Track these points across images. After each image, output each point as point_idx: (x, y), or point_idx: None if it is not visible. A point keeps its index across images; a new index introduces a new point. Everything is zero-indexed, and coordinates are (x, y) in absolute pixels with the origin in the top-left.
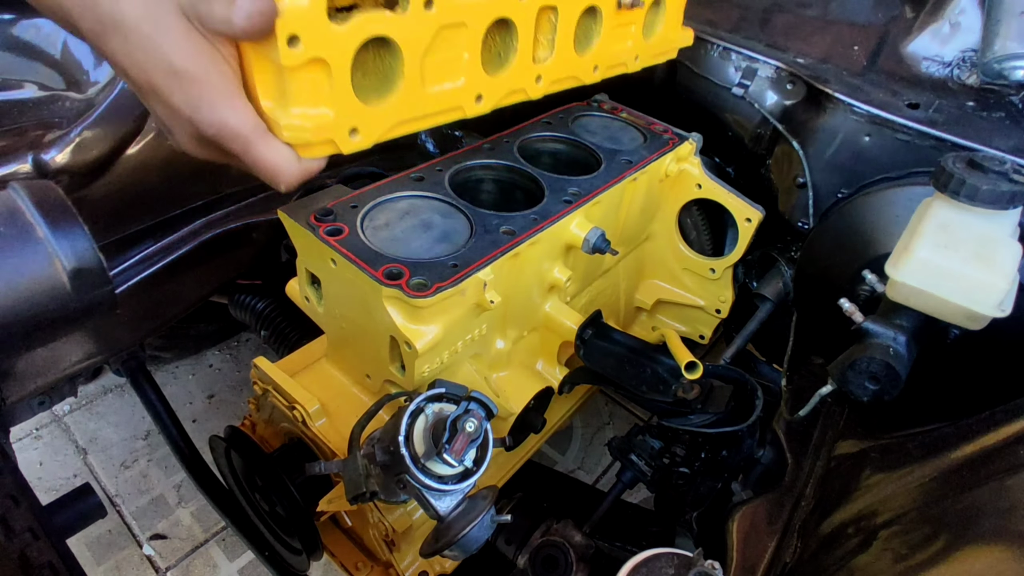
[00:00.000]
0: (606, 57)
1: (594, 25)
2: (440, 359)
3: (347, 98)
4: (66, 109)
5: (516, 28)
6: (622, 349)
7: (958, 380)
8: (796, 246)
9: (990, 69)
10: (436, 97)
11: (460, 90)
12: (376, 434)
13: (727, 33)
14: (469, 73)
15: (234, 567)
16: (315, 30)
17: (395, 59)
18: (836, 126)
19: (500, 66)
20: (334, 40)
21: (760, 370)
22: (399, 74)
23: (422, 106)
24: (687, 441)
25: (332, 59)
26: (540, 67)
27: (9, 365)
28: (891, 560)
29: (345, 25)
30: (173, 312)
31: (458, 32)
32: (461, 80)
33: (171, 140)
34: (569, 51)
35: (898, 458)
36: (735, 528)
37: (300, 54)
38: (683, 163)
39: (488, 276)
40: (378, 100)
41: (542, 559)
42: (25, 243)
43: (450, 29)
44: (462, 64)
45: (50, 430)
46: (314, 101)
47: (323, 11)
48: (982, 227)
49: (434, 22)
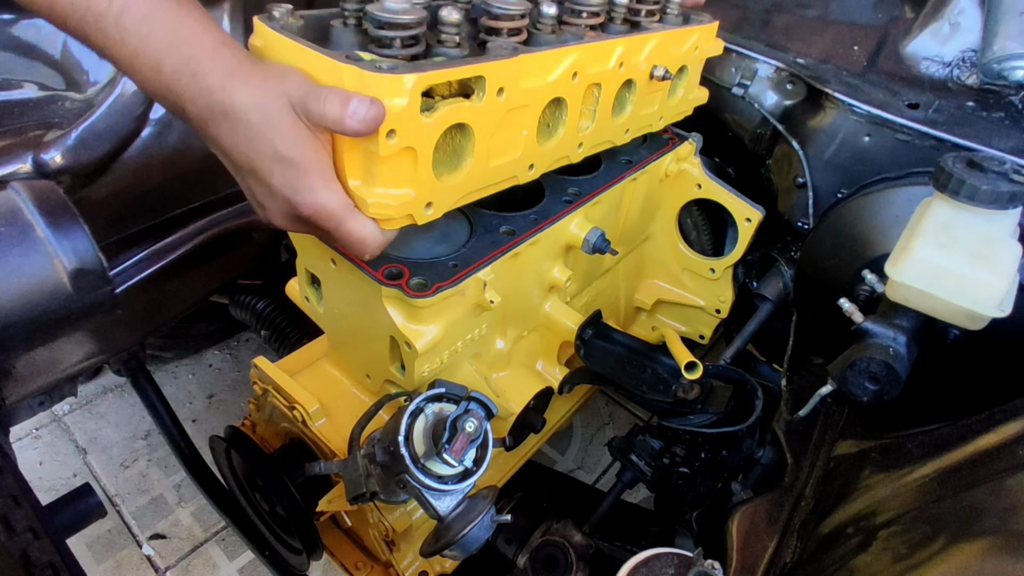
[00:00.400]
0: (636, 120)
1: (628, 95)
2: (440, 359)
3: (427, 178)
4: (66, 109)
5: (567, 104)
6: (622, 349)
7: (958, 380)
8: (796, 246)
9: (990, 69)
10: (497, 169)
11: (517, 161)
12: (376, 434)
13: (727, 33)
14: (525, 147)
15: (234, 567)
16: (410, 123)
17: (467, 139)
18: (836, 126)
19: (549, 136)
20: (423, 130)
21: (760, 370)
22: (469, 152)
23: (485, 178)
24: (687, 441)
25: (419, 147)
26: (582, 135)
27: (9, 365)
28: (891, 560)
29: (433, 116)
30: (173, 312)
31: (521, 112)
32: (519, 153)
33: (261, 214)
34: (607, 119)
35: (898, 458)
36: (735, 528)
37: (395, 145)
38: (683, 163)
39: (488, 276)
40: (449, 176)
41: (542, 559)
42: (25, 243)
43: (515, 111)
44: (521, 139)
45: (50, 430)
46: (398, 182)
47: (418, 107)
48: (982, 227)
49: (504, 107)
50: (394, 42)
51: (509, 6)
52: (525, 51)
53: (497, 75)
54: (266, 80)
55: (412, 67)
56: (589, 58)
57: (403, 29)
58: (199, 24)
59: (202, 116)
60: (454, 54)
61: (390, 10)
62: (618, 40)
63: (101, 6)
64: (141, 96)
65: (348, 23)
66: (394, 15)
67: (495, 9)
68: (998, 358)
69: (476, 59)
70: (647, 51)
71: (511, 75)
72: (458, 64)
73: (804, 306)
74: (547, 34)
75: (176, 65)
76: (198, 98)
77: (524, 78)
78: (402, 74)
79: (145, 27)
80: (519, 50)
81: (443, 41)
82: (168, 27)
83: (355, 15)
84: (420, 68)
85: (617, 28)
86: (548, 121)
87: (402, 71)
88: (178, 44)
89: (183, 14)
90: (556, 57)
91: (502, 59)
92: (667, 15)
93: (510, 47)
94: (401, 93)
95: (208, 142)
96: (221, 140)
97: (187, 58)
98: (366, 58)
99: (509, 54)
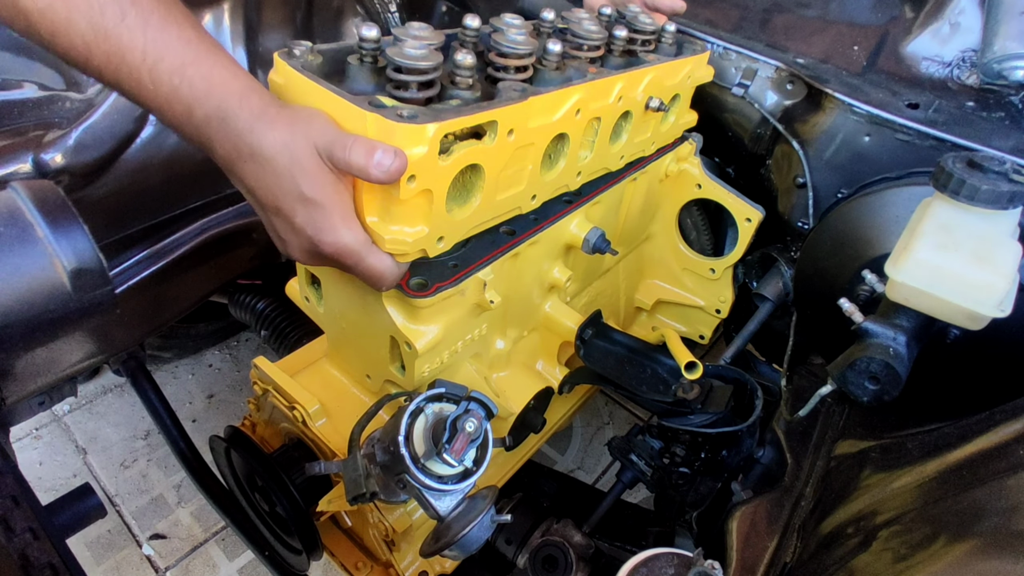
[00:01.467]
0: (631, 147)
1: (625, 124)
2: (440, 359)
3: (441, 215)
4: (66, 109)
5: (569, 137)
6: (622, 349)
7: (958, 380)
8: (796, 246)
9: (990, 69)
10: (503, 202)
11: (521, 193)
12: (376, 434)
13: (727, 33)
14: (530, 180)
15: (234, 567)
16: (428, 168)
17: (477, 176)
18: (836, 126)
19: (551, 168)
20: (440, 173)
21: (760, 370)
22: (479, 188)
23: (492, 210)
24: (687, 441)
25: (435, 188)
26: (581, 164)
27: (9, 365)
28: (891, 560)
29: (449, 160)
30: (173, 312)
31: (527, 149)
32: (523, 186)
33: (282, 248)
34: (605, 148)
35: (898, 458)
36: (735, 528)
37: (414, 189)
38: (683, 163)
39: (488, 276)
40: (459, 210)
41: (542, 559)
42: (25, 243)
43: (522, 148)
44: (526, 173)
45: (50, 430)
46: (413, 221)
47: (437, 153)
48: (982, 227)
49: (513, 146)
50: (411, 86)
51: (517, 46)
52: (534, 92)
53: (508, 118)
54: (293, 124)
55: (432, 115)
56: (592, 95)
57: (421, 74)
58: (228, 71)
59: (230, 157)
60: (467, 96)
61: (409, 56)
62: (618, 76)
63: (135, 59)
64: None
65: (365, 61)
66: (413, 61)
67: (504, 48)
68: (998, 358)
69: (489, 104)
70: (644, 84)
71: (521, 117)
72: (474, 111)
73: (804, 306)
74: (552, 70)
75: (207, 111)
76: (227, 141)
77: (532, 118)
78: (424, 123)
79: (177, 77)
80: (528, 91)
81: (456, 83)
82: (200, 76)
83: (372, 54)
84: (439, 116)
85: (615, 61)
86: (550, 152)
87: (423, 120)
88: (209, 91)
89: (212, 62)
90: (562, 97)
91: (513, 103)
92: (661, 44)
93: (519, 88)
94: (422, 142)
95: (234, 180)
96: (247, 179)
97: (217, 104)
98: (387, 104)
99: (519, 97)
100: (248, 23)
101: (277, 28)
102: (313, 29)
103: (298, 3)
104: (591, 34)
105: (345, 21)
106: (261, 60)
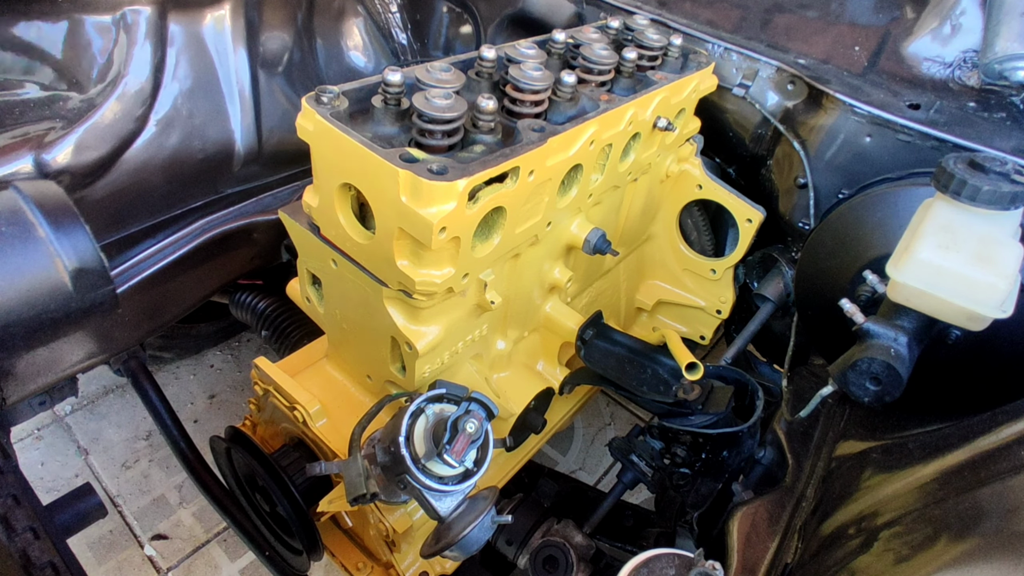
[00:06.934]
0: (638, 163)
1: (633, 144)
2: (441, 360)
3: (467, 256)
4: (67, 109)
5: (583, 167)
6: (623, 350)
7: (959, 381)
8: (797, 247)
9: (991, 70)
10: (521, 234)
11: (537, 224)
12: (377, 435)
13: (728, 33)
14: (546, 210)
15: (235, 567)
16: (457, 219)
17: (499, 215)
18: (837, 127)
19: (564, 194)
20: (467, 220)
21: (760, 371)
22: (500, 226)
23: (512, 242)
24: (688, 442)
25: (463, 234)
26: (592, 187)
27: (10, 365)
28: (892, 561)
29: (476, 207)
30: (174, 312)
31: (545, 185)
32: (540, 216)
33: None
34: (615, 169)
35: (899, 459)
36: (736, 528)
37: (444, 239)
38: (684, 164)
39: (489, 276)
40: (481, 247)
41: (543, 559)
42: (26, 243)
43: (541, 185)
44: (542, 205)
45: (51, 430)
46: (441, 264)
47: (465, 204)
48: (983, 228)
49: (532, 186)
50: (437, 134)
51: (534, 82)
52: (552, 132)
53: (529, 162)
54: None
55: (460, 170)
56: (605, 126)
57: (446, 124)
58: None
59: None
60: (489, 140)
61: (436, 107)
62: (629, 104)
63: None
64: (142, 96)
65: (389, 104)
66: (440, 112)
67: (521, 84)
68: (999, 359)
69: (512, 151)
70: (653, 107)
71: (540, 159)
72: (498, 160)
73: (805, 307)
74: (566, 101)
75: None
76: None
77: (550, 157)
78: (453, 180)
79: None
80: (547, 132)
81: (479, 127)
82: None
83: (395, 97)
84: (467, 171)
85: (625, 83)
86: (564, 180)
87: (453, 176)
88: None
89: None
90: (578, 133)
91: (534, 147)
92: (667, 58)
93: (538, 128)
94: (453, 198)
95: None
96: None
97: None
98: (417, 156)
99: (539, 140)
100: (249, 23)
101: (277, 28)
102: (313, 29)
103: (299, 3)
104: (602, 59)
105: (346, 21)
106: (261, 60)
